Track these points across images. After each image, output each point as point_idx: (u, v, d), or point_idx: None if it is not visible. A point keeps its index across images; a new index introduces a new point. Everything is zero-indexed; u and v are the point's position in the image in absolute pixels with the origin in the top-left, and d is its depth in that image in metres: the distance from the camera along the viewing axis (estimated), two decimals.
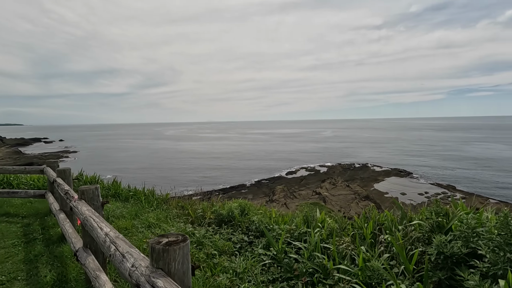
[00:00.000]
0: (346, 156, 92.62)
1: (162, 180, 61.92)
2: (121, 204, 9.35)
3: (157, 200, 9.58)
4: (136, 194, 10.21)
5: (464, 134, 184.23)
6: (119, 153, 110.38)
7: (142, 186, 11.70)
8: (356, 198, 28.76)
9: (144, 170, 73.07)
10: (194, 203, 9.15)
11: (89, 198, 4.10)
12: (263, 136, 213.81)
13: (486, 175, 60.52)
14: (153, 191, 10.51)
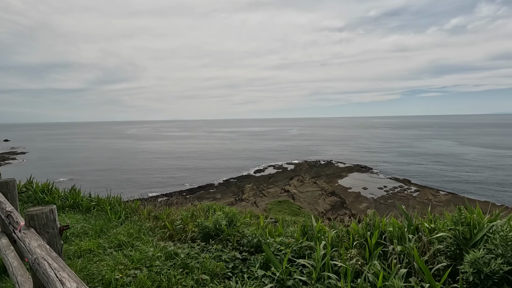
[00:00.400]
0: (312, 154, 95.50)
1: (124, 183, 58.61)
2: (81, 216, 7.62)
3: (125, 210, 7.96)
4: (99, 204, 8.39)
5: (416, 131, 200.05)
6: (75, 154, 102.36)
7: (104, 192, 9.81)
8: (323, 194, 29.69)
9: (104, 173, 68.53)
10: (170, 212, 7.56)
11: (42, 225, 2.90)
12: (230, 134, 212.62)
13: (436, 169, 66.17)
14: (119, 199, 8.76)
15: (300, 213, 19.67)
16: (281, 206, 20.91)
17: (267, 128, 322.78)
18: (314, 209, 24.07)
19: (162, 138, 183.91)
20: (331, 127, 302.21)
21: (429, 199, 43.56)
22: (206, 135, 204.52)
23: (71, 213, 7.80)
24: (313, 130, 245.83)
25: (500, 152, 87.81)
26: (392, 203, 42.54)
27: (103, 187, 53.55)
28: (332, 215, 25.09)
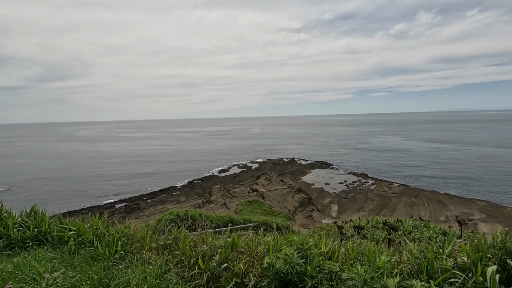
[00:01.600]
0: (275, 152, 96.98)
1: (75, 191, 53.54)
2: (55, 254, 4.71)
3: (119, 239, 4.99)
4: (80, 232, 5.25)
5: (368, 128, 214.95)
6: (12, 160, 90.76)
7: (54, 206, 7.68)
8: (290, 192, 30.07)
9: (49, 181, 61.73)
10: (190, 238, 4.82)
11: None
12: (191, 134, 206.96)
13: (389, 162, 71.46)
14: (106, 223, 5.67)
15: (271, 212, 19.53)
16: (252, 206, 20.53)
17: (229, 127, 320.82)
18: (284, 207, 24.15)
19: (116, 139, 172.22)
20: (291, 126, 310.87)
21: (385, 191, 46.74)
22: (166, 136, 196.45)
23: (40, 249, 4.80)
24: (275, 129, 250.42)
25: (439, 146, 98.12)
26: (353, 196, 44.84)
27: (48, 198, 48.23)
28: (301, 212, 25.50)
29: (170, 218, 11.66)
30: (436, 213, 36.29)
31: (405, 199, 42.11)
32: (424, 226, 5.98)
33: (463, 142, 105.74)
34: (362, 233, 5.72)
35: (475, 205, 38.88)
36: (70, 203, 45.17)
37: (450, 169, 61.04)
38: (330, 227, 7.71)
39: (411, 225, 5.99)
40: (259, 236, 4.75)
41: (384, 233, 5.95)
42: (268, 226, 12.20)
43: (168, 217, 11.83)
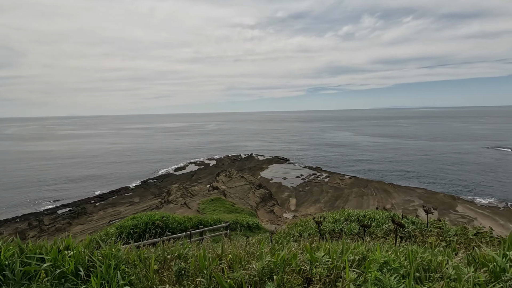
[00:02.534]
0: (232, 148, 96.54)
1: (8, 198, 46.88)
2: None
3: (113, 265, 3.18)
4: (57, 262, 3.07)
5: (321, 124, 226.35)
6: None
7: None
8: (251, 187, 30.08)
9: None
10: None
11: None
12: (144, 131, 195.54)
13: (340, 156, 76.06)
14: (91, 245, 3.62)
15: (234, 209, 19.22)
16: (214, 204, 19.94)
17: (184, 123, 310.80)
18: (246, 203, 24.02)
19: (55, 138, 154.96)
20: (248, 122, 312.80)
21: (338, 183, 49.58)
22: (114, 133, 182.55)
23: None
24: (231, 125, 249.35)
25: (382, 140, 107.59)
26: (309, 189, 46.72)
27: None
28: (263, 207, 25.68)
29: (133, 224, 10.53)
30: (383, 202, 39.60)
31: (356, 190, 45.19)
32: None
33: (402, 136, 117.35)
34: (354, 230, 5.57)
35: (414, 192, 43.34)
36: (1, 211, 39.33)
37: (392, 161, 67.20)
38: (305, 223, 7.68)
39: (386, 216, 6.30)
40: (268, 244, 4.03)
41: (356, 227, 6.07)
42: (239, 225, 11.89)
43: (131, 222, 10.69)
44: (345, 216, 7.02)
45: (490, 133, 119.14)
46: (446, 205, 37.34)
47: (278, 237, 6.49)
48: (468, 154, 72.28)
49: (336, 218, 6.80)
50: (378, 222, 6.07)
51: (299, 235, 5.89)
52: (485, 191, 43.08)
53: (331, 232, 5.77)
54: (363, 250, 2.85)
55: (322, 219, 6.16)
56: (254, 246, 3.74)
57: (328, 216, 7.91)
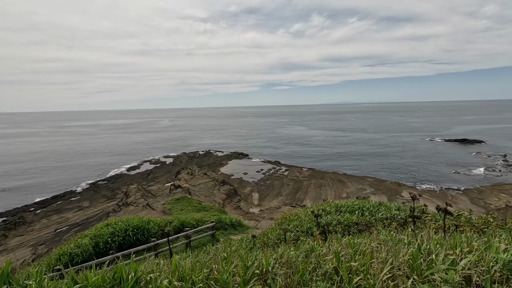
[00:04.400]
0: (189, 145, 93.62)
1: None
2: None
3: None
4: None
5: (275, 119, 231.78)
6: None
7: None
8: (216, 184, 29.34)
9: None
10: None
11: None
12: (88, 129, 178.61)
13: (297, 149, 78.89)
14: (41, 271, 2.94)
15: (202, 208, 18.53)
16: (181, 204, 18.94)
17: (134, 120, 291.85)
18: (213, 200, 23.34)
19: None
20: (202, 117, 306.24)
21: (297, 175, 51.35)
22: (52, 132, 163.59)
23: None
24: (185, 121, 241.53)
25: (333, 133, 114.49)
26: (271, 183, 47.58)
27: None
28: (229, 204, 25.32)
29: (110, 232, 9.32)
30: (339, 191, 42.13)
31: (314, 181, 47.31)
32: (383, 206, 6.69)
33: (350, 130, 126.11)
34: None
35: (365, 181, 46.93)
36: None
37: (344, 152, 71.85)
38: (294, 216, 7.60)
39: (374, 205, 6.56)
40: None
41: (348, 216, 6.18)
42: (223, 224, 11.39)
43: (107, 230, 9.44)
44: (334, 208, 7.18)
45: (423, 126, 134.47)
46: (393, 191, 41.17)
47: (272, 236, 6.18)
48: (407, 144, 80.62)
49: (327, 210, 6.90)
50: (370, 211, 6.33)
51: (296, 231, 5.69)
52: (423, 177, 48.55)
53: (327, 225, 5.82)
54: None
55: (321, 211, 6.18)
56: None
57: (314, 208, 7.98)
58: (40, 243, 27.81)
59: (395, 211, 6.05)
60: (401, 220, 5.19)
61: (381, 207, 6.64)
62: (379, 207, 6.56)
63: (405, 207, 6.51)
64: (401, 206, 6.83)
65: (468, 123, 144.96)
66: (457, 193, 39.87)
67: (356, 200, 7.87)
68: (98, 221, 30.05)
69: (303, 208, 29.52)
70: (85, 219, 33.60)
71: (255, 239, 5.31)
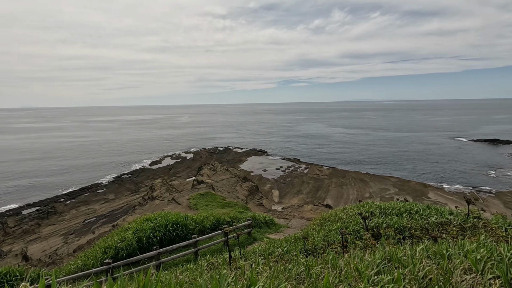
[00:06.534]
0: (208, 141, 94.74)
1: None
2: None
3: None
4: None
5: (293, 116, 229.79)
6: None
7: None
8: (238, 181, 29.51)
9: None
10: None
11: None
12: (111, 124, 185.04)
13: (316, 147, 77.83)
14: None
15: (227, 204, 18.65)
16: (205, 199, 19.14)
17: (154, 116, 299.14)
18: (236, 197, 23.49)
19: (11, 131, 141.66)
20: (220, 114, 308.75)
21: (317, 174, 50.65)
22: (78, 126, 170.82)
23: None
24: (204, 117, 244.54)
25: (353, 131, 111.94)
26: (290, 181, 47.23)
27: None
28: (252, 201, 25.37)
29: (151, 227, 9.48)
30: (361, 191, 41.15)
31: (335, 180, 46.47)
32: (432, 209, 6.27)
33: (371, 128, 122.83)
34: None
35: (389, 181, 45.54)
36: None
37: (365, 151, 70.08)
38: (333, 216, 7.33)
39: (424, 208, 6.17)
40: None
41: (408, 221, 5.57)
42: (257, 221, 11.32)
43: (147, 225, 9.59)
44: (378, 209, 6.87)
45: (448, 125, 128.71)
46: (418, 192, 39.69)
47: (318, 240, 5.81)
48: (432, 144, 77.44)
49: (370, 212, 6.61)
50: (420, 214, 5.99)
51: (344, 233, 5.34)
52: (450, 178, 46.46)
53: (376, 228, 5.54)
54: None
55: (370, 214, 5.91)
56: None
57: (350, 210, 7.71)
58: (71, 233, 29.12)
59: (449, 215, 5.67)
60: (459, 226, 4.85)
61: (432, 210, 6.26)
62: (430, 211, 6.18)
63: (458, 211, 6.07)
64: (454, 210, 6.42)
65: (499, 122, 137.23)
66: (488, 196, 37.86)
67: (400, 202, 7.51)
68: (124, 214, 31.05)
69: (330, 207, 28.98)
70: (111, 211, 34.83)
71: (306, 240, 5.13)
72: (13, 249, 25.58)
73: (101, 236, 17.57)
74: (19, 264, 20.48)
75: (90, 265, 8.58)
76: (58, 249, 22.75)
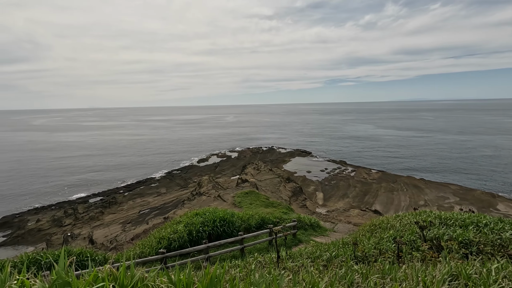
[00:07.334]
0: (252, 140, 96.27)
1: (42, 186, 48.92)
2: None
3: None
4: None
5: (340, 117, 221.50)
6: None
7: (14, 202, 6.23)
8: (281, 181, 29.54)
9: (10, 174, 56.10)
10: None
11: None
12: (164, 123, 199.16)
13: (364, 149, 73.98)
14: None
15: (270, 203, 18.79)
16: (249, 197, 19.58)
17: (202, 115, 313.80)
18: (279, 197, 23.53)
19: (80, 129, 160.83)
20: (265, 114, 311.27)
21: (365, 177, 48.11)
22: (136, 125, 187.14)
23: None
24: (249, 117, 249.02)
25: (407, 133, 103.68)
26: (336, 183, 45.64)
27: (12, 194, 43.73)
28: (295, 202, 25.17)
29: (200, 221, 10.10)
30: (415, 198, 38.01)
31: (385, 184, 43.64)
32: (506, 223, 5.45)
33: (427, 130, 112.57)
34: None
35: (448, 189, 41.29)
36: (37, 199, 41.15)
37: (420, 155, 64.50)
38: (385, 223, 6.86)
39: (494, 221, 5.39)
40: None
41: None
42: (302, 223, 11.30)
43: (197, 219, 10.24)
44: (438, 219, 6.25)
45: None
46: (484, 202, 35.31)
47: (368, 247, 5.47)
48: (502, 149, 68.20)
49: (428, 221, 6.03)
50: (490, 228, 5.28)
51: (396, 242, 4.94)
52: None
53: (436, 239, 5.04)
54: None
55: (428, 223, 5.43)
56: None
57: (404, 217, 7.16)
58: (128, 222, 32.03)
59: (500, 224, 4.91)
60: None
61: (506, 224, 5.44)
62: (503, 225, 5.38)
63: None
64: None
65: None
66: None
67: (465, 213, 6.73)
68: (174, 207, 33.16)
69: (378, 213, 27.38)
70: (163, 204, 37.46)
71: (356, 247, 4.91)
72: (81, 232, 29.04)
73: (154, 227, 19.05)
74: (86, 246, 23.17)
75: (147, 253, 9.44)
76: (118, 236, 25.18)
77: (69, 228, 30.84)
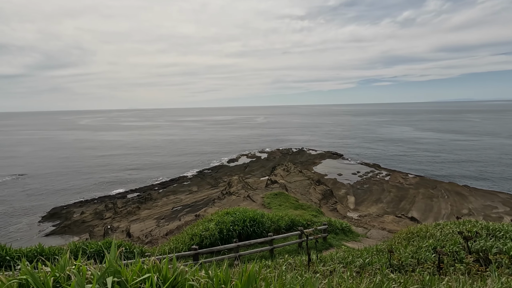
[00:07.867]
0: (282, 141, 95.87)
1: (85, 181, 52.95)
2: None
3: None
4: None
5: (374, 118, 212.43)
6: (17, 149, 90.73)
7: (62, 197, 6.80)
8: (311, 183, 29.07)
9: (57, 170, 61.52)
10: None
11: None
12: (196, 123, 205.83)
13: (400, 153, 70.20)
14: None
15: (300, 206, 18.59)
16: (279, 199, 19.56)
17: (233, 116, 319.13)
18: (309, 199, 23.20)
19: (120, 128, 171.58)
20: (296, 115, 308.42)
21: (401, 182, 45.67)
22: (170, 125, 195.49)
23: None
24: (279, 118, 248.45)
25: (449, 136, 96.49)
26: (368, 188, 43.86)
27: (58, 188, 47.79)
28: (325, 205, 24.64)
29: (231, 220, 10.37)
30: (458, 206, 35.32)
31: (423, 190, 41.07)
32: None
33: (473, 133, 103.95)
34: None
35: (497, 197, 37.81)
36: (81, 193, 44.65)
37: (464, 160, 59.74)
38: (424, 231, 6.45)
39: None
40: None
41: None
42: (333, 227, 11.09)
43: (228, 218, 10.53)
44: (485, 229, 5.76)
45: None
46: None
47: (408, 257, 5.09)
48: None
49: (473, 232, 5.56)
50: None
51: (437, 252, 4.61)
52: None
53: (482, 252, 4.64)
54: None
55: (474, 234, 5.02)
56: None
57: (446, 226, 6.68)
58: (162, 218, 33.53)
59: None
60: None
61: None
62: None
63: None
64: None
65: None
66: None
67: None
68: (204, 205, 34.10)
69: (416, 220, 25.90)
70: (194, 202, 38.69)
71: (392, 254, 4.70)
72: (120, 226, 30.95)
73: (186, 223, 19.77)
74: (124, 239, 24.66)
75: (180, 248, 9.86)
76: (152, 231, 26.48)
77: (109, 221, 33.03)
